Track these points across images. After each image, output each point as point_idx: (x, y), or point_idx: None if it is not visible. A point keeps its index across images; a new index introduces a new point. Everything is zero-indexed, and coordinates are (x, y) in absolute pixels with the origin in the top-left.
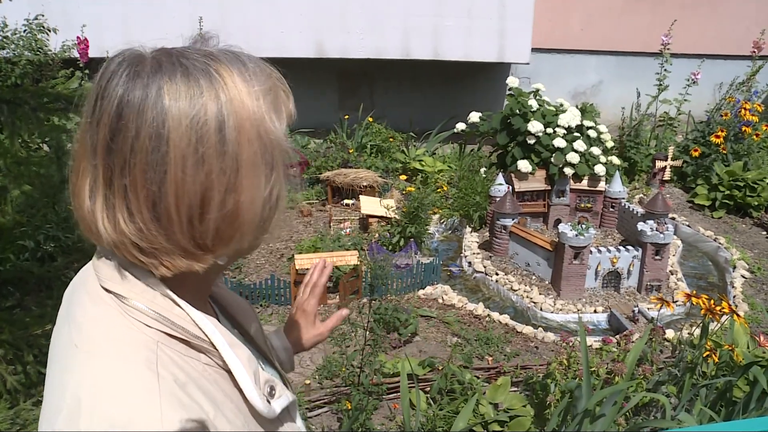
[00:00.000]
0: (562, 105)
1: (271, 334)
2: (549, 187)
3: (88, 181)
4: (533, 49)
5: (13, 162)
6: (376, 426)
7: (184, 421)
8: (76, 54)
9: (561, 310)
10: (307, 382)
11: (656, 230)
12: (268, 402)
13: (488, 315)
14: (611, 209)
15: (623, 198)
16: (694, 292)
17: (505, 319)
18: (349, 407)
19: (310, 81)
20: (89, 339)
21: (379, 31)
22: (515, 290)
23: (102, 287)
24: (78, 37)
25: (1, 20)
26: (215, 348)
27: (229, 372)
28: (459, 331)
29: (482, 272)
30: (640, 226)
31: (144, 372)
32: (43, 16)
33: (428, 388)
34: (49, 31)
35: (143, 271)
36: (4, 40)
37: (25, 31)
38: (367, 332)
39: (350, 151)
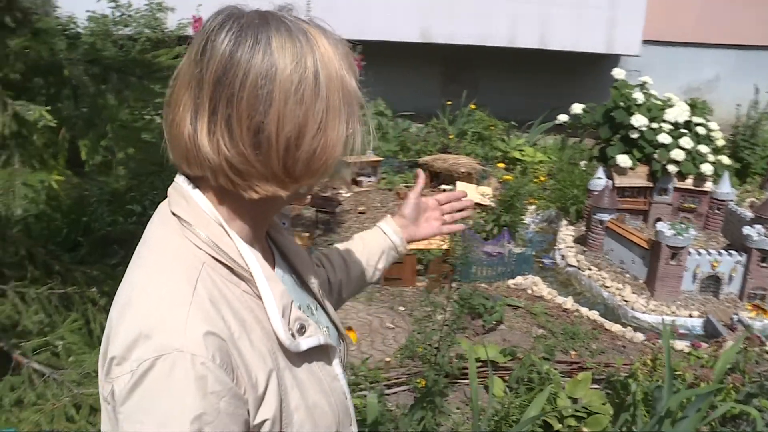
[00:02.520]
0: (670, 99)
1: (382, 224)
2: (651, 184)
3: (190, 111)
4: (645, 41)
5: (120, 126)
6: (453, 409)
7: (205, 332)
8: (190, 32)
9: (654, 311)
10: (388, 359)
11: (764, 235)
12: (293, 336)
13: (577, 310)
14: (717, 211)
15: (731, 200)
16: None
17: (594, 315)
18: (423, 385)
19: (415, 65)
20: (148, 252)
21: (486, 18)
22: (607, 287)
23: (171, 211)
24: (193, 16)
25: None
26: (253, 277)
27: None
28: (545, 324)
29: (575, 266)
30: (746, 230)
31: (182, 285)
32: None
33: (507, 377)
34: (167, 10)
35: (206, 201)
36: (128, 18)
37: (146, 10)
38: (446, 314)
39: (450, 137)
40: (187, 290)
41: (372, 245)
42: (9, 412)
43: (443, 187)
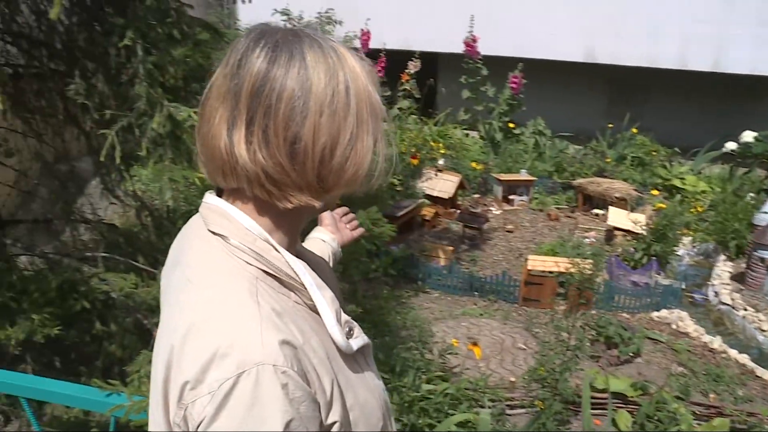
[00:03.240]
0: None
1: (319, 234)
2: None
3: (226, 123)
4: None
5: None
6: None
7: (280, 342)
8: (357, 44)
9: None
10: (513, 379)
11: None
12: (347, 339)
13: (725, 351)
14: None
15: None
16: None
17: (744, 359)
18: (541, 407)
19: (576, 85)
20: (200, 274)
21: (654, 38)
22: (764, 330)
23: (209, 231)
24: (362, 30)
25: (299, 13)
26: (304, 287)
27: (315, 311)
28: (686, 362)
29: (729, 305)
30: None
31: (247, 301)
32: (332, 9)
33: (636, 412)
34: (336, 23)
35: (246, 216)
36: None
37: (316, 22)
38: (571, 340)
39: (607, 160)
40: (253, 305)
41: (324, 253)
42: (144, 382)
43: (595, 211)
